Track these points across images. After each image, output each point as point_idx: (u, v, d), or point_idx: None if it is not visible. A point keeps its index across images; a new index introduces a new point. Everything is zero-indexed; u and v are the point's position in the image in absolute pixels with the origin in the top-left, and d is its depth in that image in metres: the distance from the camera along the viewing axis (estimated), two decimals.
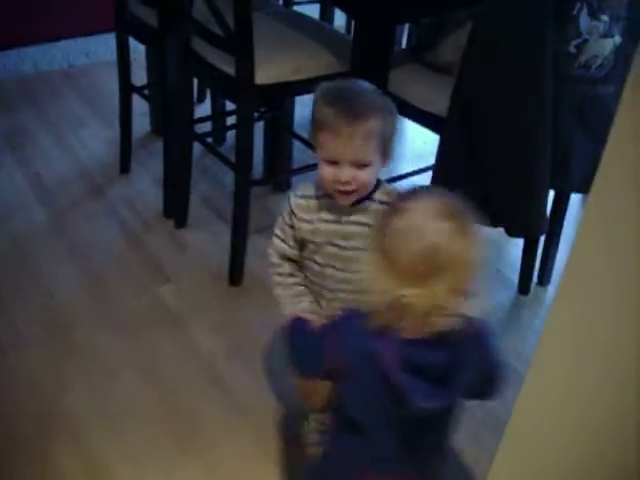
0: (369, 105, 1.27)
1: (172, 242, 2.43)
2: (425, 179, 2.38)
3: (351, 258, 1.36)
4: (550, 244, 2.23)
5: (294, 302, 1.41)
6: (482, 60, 1.63)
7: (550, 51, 1.57)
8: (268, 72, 1.97)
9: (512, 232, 1.82)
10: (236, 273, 2.23)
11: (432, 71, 2.00)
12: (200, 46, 2.13)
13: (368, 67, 1.85)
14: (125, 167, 2.79)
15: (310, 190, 1.39)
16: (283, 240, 1.42)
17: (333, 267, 1.40)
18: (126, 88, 2.65)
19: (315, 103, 1.30)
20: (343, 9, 2.33)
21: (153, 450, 1.75)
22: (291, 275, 1.43)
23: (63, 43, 3.87)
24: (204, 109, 3.08)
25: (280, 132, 2.56)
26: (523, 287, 2.28)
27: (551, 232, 2.17)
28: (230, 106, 2.76)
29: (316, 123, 1.29)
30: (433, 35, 2.04)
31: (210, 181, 2.72)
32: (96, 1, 3.79)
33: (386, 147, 1.30)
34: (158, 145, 2.81)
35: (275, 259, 1.44)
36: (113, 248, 2.40)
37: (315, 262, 1.41)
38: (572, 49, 1.62)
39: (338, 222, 1.37)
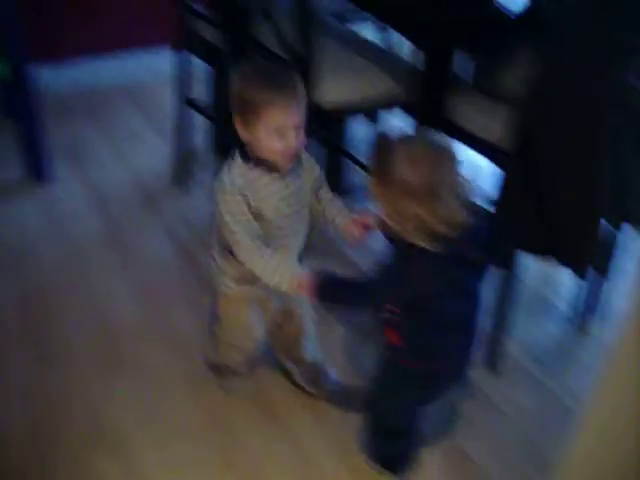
0: (292, 77, 1.48)
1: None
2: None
3: (299, 209, 1.60)
4: (604, 277, 2.20)
5: (290, 267, 1.52)
6: (544, 92, 1.62)
7: (614, 84, 1.55)
8: (328, 95, 1.98)
9: (563, 261, 1.79)
10: None
11: (490, 99, 1.99)
12: None
13: (427, 92, 1.85)
14: (181, 183, 2.83)
15: (243, 168, 1.53)
16: (249, 221, 1.51)
17: (291, 221, 1.59)
18: (184, 104, 2.68)
19: (245, 88, 1.47)
20: (404, 35, 2.33)
21: (197, 465, 1.76)
22: (266, 249, 1.52)
23: (124, 57, 3.94)
24: None
25: (333, 151, 2.57)
26: (575, 320, 2.24)
27: (606, 265, 2.13)
28: None
29: (257, 104, 1.44)
30: (493, 63, 2.03)
31: None
32: (159, 16, 3.86)
33: None
34: (216, 162, 2.85)
35: (250, 243, 1.51)
36: (166, 263, 2.43)
37: (276, 227, 1.57)
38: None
39: (283, 182, 1.54)
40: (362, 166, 2.45)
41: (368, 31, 2.70)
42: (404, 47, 3.28)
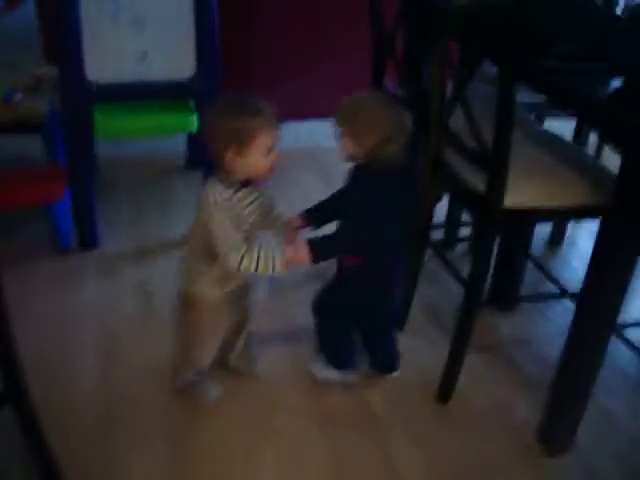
0: (264, 104, 1.77)
1: None
2: None
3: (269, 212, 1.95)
4: None
5: (275, 250, 1.80)
6: None
7: None
8: (518, 195, 1.90)
9: None
10: (446, 390, 2.15)
11: None
12: (450, 156, 2.11)
13: (635, 204, 1.70)
14: None
15: (228, 193, 1.77)
16: (237, 232, 1.77)
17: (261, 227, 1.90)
18: None
19: (236, 120, 1.71)
20: (607, 137, 2.21)
21: None
22: (253, 250, 1.78)
23: (312, 123, 4.04)
24: (438, 209, 3.06)
25: (515, 252, 2.48)
26: None
27: None
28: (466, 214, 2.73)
29: (254, 131, 1.71)
30: None
31: (434, 286, 2.67)
32: (347, 86, 3.94)
33: None
34: None
35: (241, 253, 1.77)
36: None
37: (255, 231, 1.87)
38: None
39: (257, 198, 1.86)
40: (544, 270, 2.36)
41: (565, 129, 2.60)
42: (604, 149, 3.18)
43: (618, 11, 2.51)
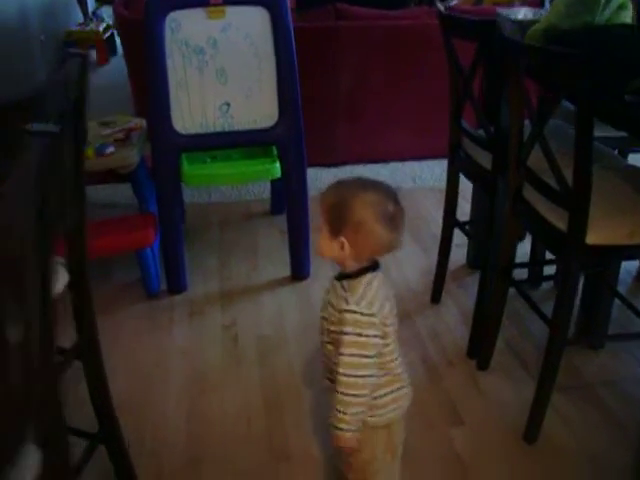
0: None
1: (471, 383, 2.38)
2: None
3: None
4: None
5: None
6: None
7: None
8: (601, 232, 1.89)
9: None
10: (532, 430, 2.12)
11: None
12: (530, 194, 2.11)
13: None
14: (436, 297, 2.83)
15: None
16: None
17: None
18: (450, 223, 2.70)
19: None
20: None
21: None
22: None
23: (392, 165, 4.10)
24: (522, 248, 3.04)
25: (600, 289, 2.44)
26: None
27: None
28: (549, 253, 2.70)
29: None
30: None
31: (517, 326, 2.65)
32: (424, 131, 4.01)
33: None
34: (470, 279, 2.85)
35: None
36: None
37: None
38: None
39: None
40: (631, 307, 2.31)
41: None
42: None
43: None
